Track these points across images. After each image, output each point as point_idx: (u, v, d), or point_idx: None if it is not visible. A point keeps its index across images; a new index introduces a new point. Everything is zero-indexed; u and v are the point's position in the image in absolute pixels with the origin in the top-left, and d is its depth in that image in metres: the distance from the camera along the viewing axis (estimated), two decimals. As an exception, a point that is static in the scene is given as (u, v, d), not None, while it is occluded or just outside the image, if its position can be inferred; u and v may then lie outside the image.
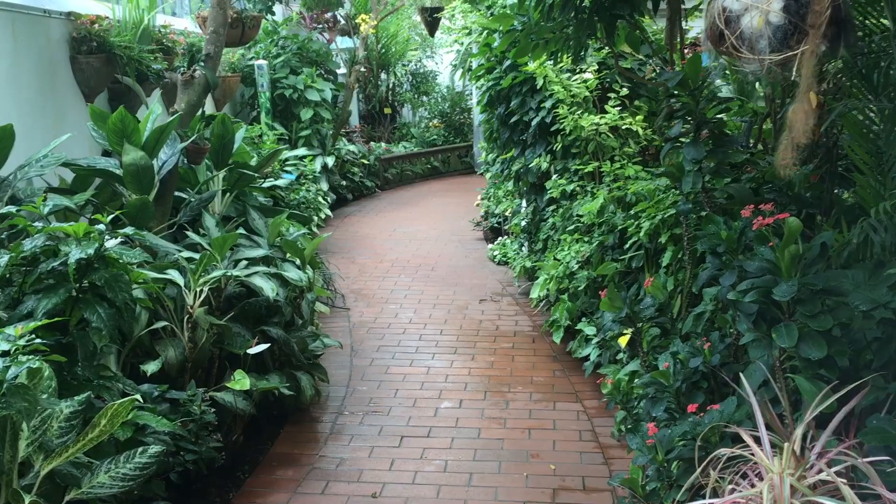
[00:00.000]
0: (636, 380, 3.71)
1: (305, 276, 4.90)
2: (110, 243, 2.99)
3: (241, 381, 3.99)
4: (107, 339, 2.94)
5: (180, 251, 4.35)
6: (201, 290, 4.07)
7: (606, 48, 5.82)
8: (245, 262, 4.50)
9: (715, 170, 3.27)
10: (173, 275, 4.01)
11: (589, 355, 5.02)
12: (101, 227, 3.05)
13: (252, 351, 4.08)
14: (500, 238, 8.42)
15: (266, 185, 7.18)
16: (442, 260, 8.23)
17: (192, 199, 4.84)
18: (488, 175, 9.73)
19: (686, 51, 6.74)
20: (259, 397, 4.42)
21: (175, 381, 3.92)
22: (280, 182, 7.68)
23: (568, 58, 4.23)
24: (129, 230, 3.28)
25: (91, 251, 2.85)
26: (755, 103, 4.50)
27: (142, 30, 6.47)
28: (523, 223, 6.92)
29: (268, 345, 4.14)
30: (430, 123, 14.07)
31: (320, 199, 9.47)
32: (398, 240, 9.11)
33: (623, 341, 4.68)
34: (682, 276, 4.06)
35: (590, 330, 5.08)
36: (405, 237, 9.21)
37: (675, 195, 4.16)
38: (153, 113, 4.58)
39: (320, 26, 11.70)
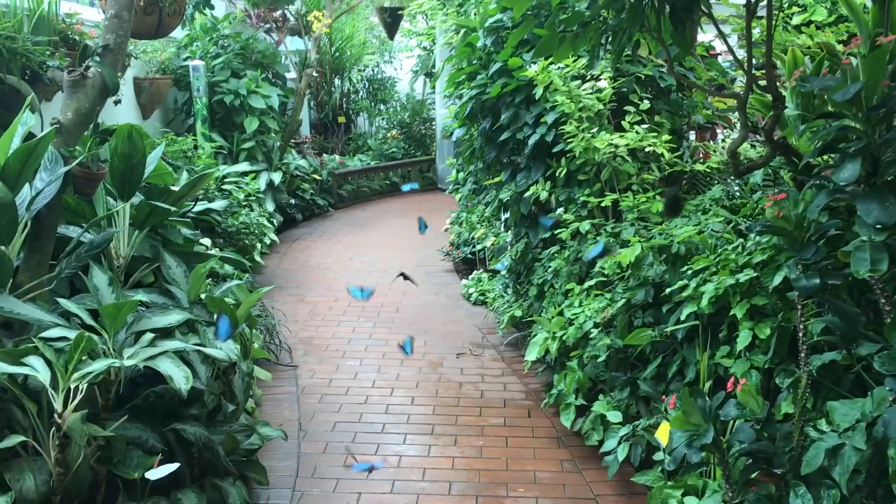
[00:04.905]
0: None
1: (237, 348, 3.63)
2: None
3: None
4: None
5: (59, 323, 3.06)
6: (77, 387, 2.78)
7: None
8: (150, 336, 3.21)
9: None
10: (35, 366, 2.71)
11: (611, 449, 3.83)
12: None
13: (153, 475, 2.80)
14: (475, 272, 7.21)
15: (198, 208, 5.91)
16: (408, 298, 6.98)
17: (83, 243, 3.54)
18: (457, 196, 8.55)
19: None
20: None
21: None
22: (215, 205, 6.39)
23: (608, 57, 3.05)
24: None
25: None
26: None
27: (37, 17, 5.15)
28: (506, 262, 5.70)
29: (176, 465, 2.85)
30: (389, 134, 12.80)
31: (265, 221, 8.15)
32: (356, 271, 7.83)
33: (663, 435, 3.52)
34: (762, 362, 2.90)
35: (613, 416, 3.89)
36: (364, 267, 7.94)
37: (760, 249, 2.99)
38: (20, 125, 3.28)
39: (268, 25, 10.40)
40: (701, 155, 5.31)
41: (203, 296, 3.97)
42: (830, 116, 2.19)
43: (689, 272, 3.30)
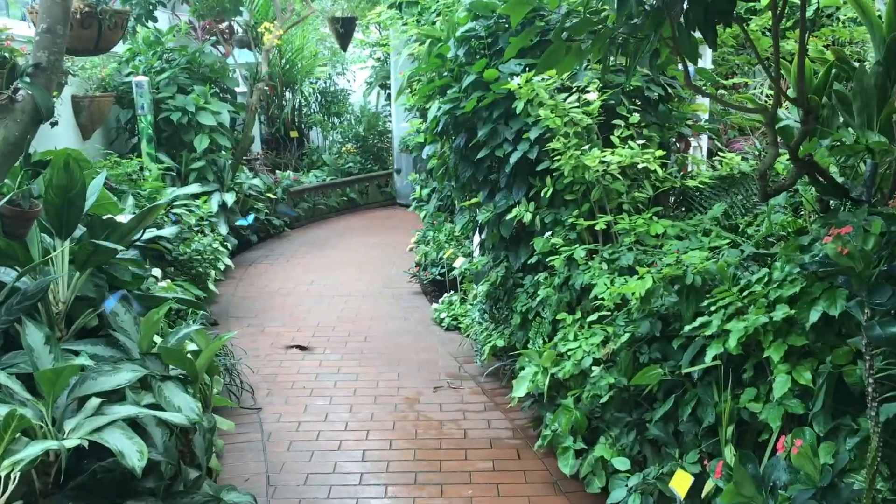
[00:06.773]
0: None
1: (198, 406, 3.19)
2: None
3: None
4: None
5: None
6: (10, 475, 2.32)
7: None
8: (96, 402, 2.76)
9: None
10: (-45, 452, 2.25)
11: (620, 500, 3.46)
12: None
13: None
14: (445, 294, 6.82)
15: (146, 236, 5.42)
16: (376, 325, 6.56)
17: (17, 290, 3.06)
18: (422, 214, 8.18)
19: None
20: None
21: None
22: (165, 232, 5.89)
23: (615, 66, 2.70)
24: None
25: None
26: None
27: (-41, 32, 4.64)
28: (483, 287, 5.28)
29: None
30: (344, 148, 12.35)
31: (218, 246, 7.65)
32: (318, 296, 7.37)
33: (680, 487, 3.19)
34: (798, 408, 2.56)
35: (620, 463, 3.53)
36: (326, 292, 7.49)
37: (790, 281, 2.66)
38: (-65, 159, 2.80)
39: (214, 38, 9.90)
40: (688, 168, 5.02)
41: (158, 342, 3.53)
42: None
43: (712, 307, 2.95)
